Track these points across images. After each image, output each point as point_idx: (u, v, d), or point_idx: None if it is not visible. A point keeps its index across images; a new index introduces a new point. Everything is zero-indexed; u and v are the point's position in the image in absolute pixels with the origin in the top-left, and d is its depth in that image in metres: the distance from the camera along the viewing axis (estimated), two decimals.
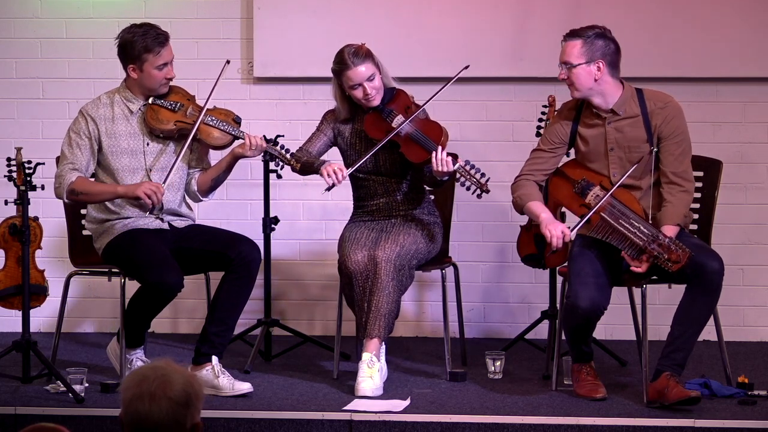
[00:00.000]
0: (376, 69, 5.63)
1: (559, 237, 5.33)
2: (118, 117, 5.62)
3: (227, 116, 5.65)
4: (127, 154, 5.61)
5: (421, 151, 5.57)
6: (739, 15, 6.57)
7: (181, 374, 2.94)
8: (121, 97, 5.66)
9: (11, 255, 5.80)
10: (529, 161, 5.58)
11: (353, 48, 5.63)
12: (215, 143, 5.64)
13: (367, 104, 5.66)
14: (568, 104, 5.54)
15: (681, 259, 5.11)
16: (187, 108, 5.62)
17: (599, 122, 5.43)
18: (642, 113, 5.40)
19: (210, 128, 5.61)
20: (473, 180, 5.46)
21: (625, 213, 5.27)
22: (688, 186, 5.42)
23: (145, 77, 5.57)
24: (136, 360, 5.62)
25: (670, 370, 5.23)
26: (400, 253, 5.54)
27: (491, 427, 5.11)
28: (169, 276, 5.38)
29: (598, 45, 5.34)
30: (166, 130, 5.59)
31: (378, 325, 5.48)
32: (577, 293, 5.24)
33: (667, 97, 5.46)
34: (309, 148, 5.76)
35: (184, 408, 2.92)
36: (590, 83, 5.35)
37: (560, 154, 5.55)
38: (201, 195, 5.71)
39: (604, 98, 5.39)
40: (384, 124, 5.63)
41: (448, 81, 5.73)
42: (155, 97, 5.62)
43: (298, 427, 5.15)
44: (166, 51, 5.57)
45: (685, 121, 5.43)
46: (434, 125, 5.64)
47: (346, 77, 5.62)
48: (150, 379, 2.92)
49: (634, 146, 5.40)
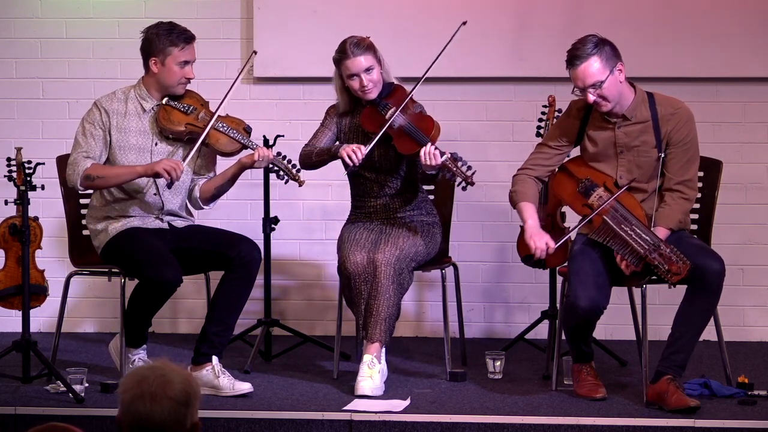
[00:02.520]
0: (375, 62, 5.66)
1: (543, 249, 5.34)
2: (131, 113, 5.63)
3: (239, 125, 5.66)
4: (134, 151, 5.62)
5: (411, 143, 5.59)
6: (739, 15, 6.57)
7: (179, 374, 2.94)
8: (136, 94, 5.67)
9: (11, 255, 5.80)
10: (533, 154, 5.57)
11: (356, 39, 5.68)
12: (223, 149, 5.64)
13: (363, 96, 5.68)
14: (577, 103, 5.50)
15: (681, 272, 5.08)
16: (200, 112, 5.63)
17: (609, 126, 5.41)
18: (652, 118, 5.38)
19: (220, 134, 5.61)
20: (459, 172, 5.47)
21: (628, 218, 5.25)
22: (690, 195, 5.40)
23: (166, 72, 5.58)
24: (138, 360, 5.62)
25: (671, 372, 5.23)
26: (399, 256, 5.54)
27: (491, 427, 5.11)
28: (167, 271, 5.38)
29: (609, 51, 5.29)
30: (176, 131, 5.60)
31: (379, 329, 5.48)
32: (576, 292, 5.23)
33: (678, 102, 5.44)
34: (315, 143, 5.80)
35: (185, 407, 2.92)
36: (619, 89, 5.31)
37: (565, 152, 5.54)
38: (203, 203, 5.71)
39: (620, 103, 5.36)
40: (379, 117, 5.66)
41: (446, 44, 5.70)
42: (169, 98, 5.63)
43: (298, 427, 5.15)
44: (190, 49, 5.61)
45: (695, 128, 5.41)
46: (427, 119, 5.65)
47: (345, 66, 5.66)
48: (149, 379, 2.92)
49: (643, 151, 5.39)
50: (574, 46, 5.32)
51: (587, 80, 5.27)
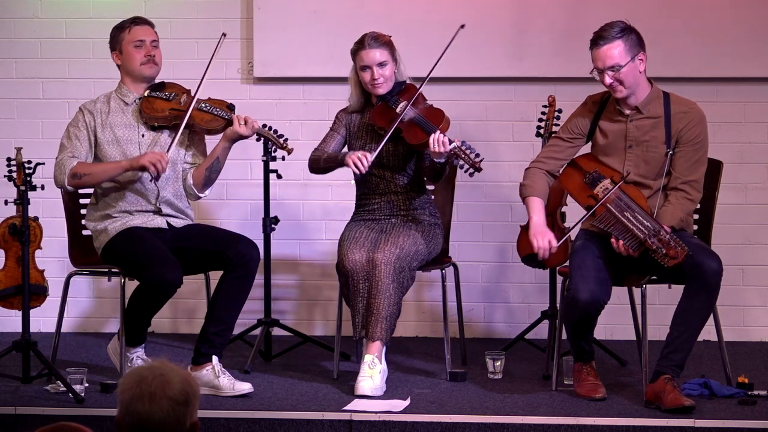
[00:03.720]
0: (390, 58, 5.72)
1: (546, 249, 5.35)
2: (114, 110, 5.70)
3: (221, 104, 5.71)
4: (122, 144, 5.66)
5: (421, 132, 5.61)
6: (739, 15, 6.57)
7: (178, 373, 2.94)
8: (116, 94, 5.76)
9: (11, 255, 5.80)
10: (547, 148, 5.60)
11: (376, 33, 5.76)
12: (207, 127, 5.67)
13: (373, 90, 5.72)
14: (593, 97, 5.53)
15: (678, 256, 5.09)
16: (181, 97, 5.68)
17: (621, 119, 5.43)
18: (665, 115, 5.39)
19: (203, 113, 5.66)
20: (467, 158, 5.48)
21: (631, 206, 5.26)
22: (695, 196, 5.41)
23: (126, 59, 5.69)
24: (137, 359, 5.62)
25: (669, 372, 5.23)
26: (399, 255, 5.54)
27: (491, 427, 5.11)
28: (168, 272, 5.39)
29: (634, 39, 5.34)
30: (161, 118, 5.65)
31: (380, 327, 5.48)
32: (577, 286, 5.24)
33: (692, 103, 5.47)
34: (325, 148, 5.82)
35: (184, 407, 2.91)
36: (636, 78, 5.34)
37: (578, 145, 5.54)
38: (197, 190, 5.70)
39: (635, 94, 5.38)
40: (390, 112, 5.68)
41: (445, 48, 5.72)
42: (151, 90, 5.66)
43: (298, 427, 5.15)
44: (140, 29, 5.70)
45: (706, 130, 5.43)
46: (437, 111, 5.70)
47: (359, 57, 5.72)
48: (148, 379, 2.91)
49: (652, 146, 5.39)
50: (601, 28, 5.37)
51: (607, 62, 5.30)
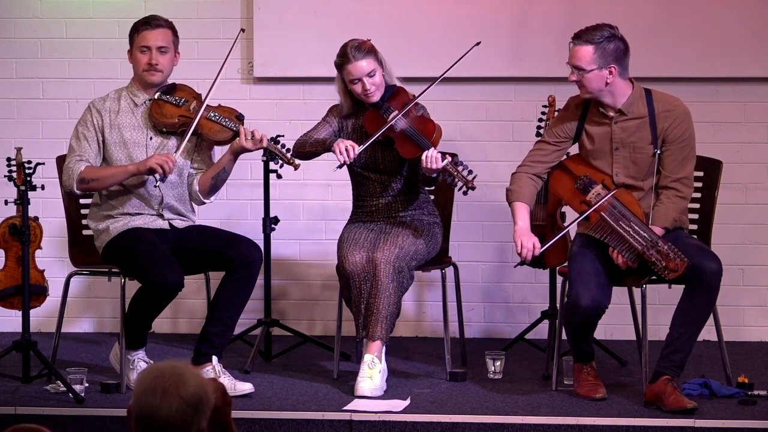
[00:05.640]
0: (377, 65, 5.65)
1: (530, 249, 5.35)
2: (123, 110, 5.67)
3: (230, 113, 5.68)
4: (130, 147, 5.64)
5: (413, 147, 5.59)
6: (739, 15, 6.57)
7: (197, 378, 2.94)
8: (127, 92, 5.72)
9: (11, 255, 5.80)
10: (532, 152, 5.58)
11: (357, 42, 5.66)
12: (215, 138, 5.66)
13: (366, 100, 5.68)
14: (575, 99, 5.53)
15: (679, 269, 5.09)
16: (191, 104, 5.65)
17: (606, 121, 5.43)
18: (649, 114, 5.39)
19: (211, 123, 5.63)
20: (460, 176, 5.47)
21: (626, 215, 5.25)
22: (686, 192, 5.41)
23: (133, 62, 5.69)
24: (138, 360, 5.61)
25: (669, 372, 5.23)
26: (399, 254, 5.54)
27: (491, 427, 5.11)
28: (170, 275, 5.38)
29: (609, 50, 5.30)
30: (169, 124, 5.62)
31: (380, 327, 5.48)
32: (578, 292, 5.24)
33: (675, 100, 5.45)
34: (313, 135, 5.77)
35: (193, 410, 2.91)
36: (601, 86, 5.34)
37: (564, 148, 5.55)
38: (202, 196, 5.71)
39: (613, 98, 5.38)
40: (381, 120, 5.66)
41: (456, 61, 5.71)
42: (161, 93, 5.65)
43: (298, 427, 5.15)
44: (149, 33, 5.65)
45: (692, 125, 5.42)
46: (429, 122, 5.65)
47: (347, 71, 5.64)
48: (166, 375, 2.92)
49: (639, 147, 5.39)
50: (587, 27, 5.37)
51: (573, 60, 5.35)
